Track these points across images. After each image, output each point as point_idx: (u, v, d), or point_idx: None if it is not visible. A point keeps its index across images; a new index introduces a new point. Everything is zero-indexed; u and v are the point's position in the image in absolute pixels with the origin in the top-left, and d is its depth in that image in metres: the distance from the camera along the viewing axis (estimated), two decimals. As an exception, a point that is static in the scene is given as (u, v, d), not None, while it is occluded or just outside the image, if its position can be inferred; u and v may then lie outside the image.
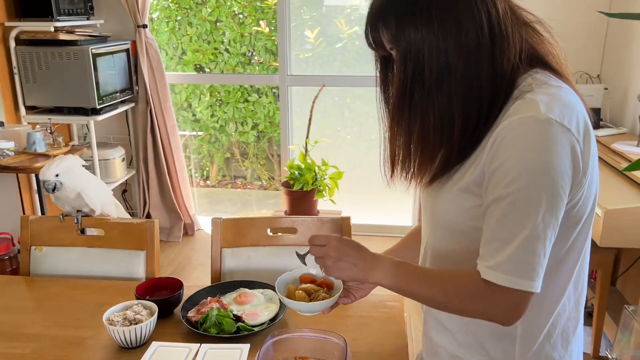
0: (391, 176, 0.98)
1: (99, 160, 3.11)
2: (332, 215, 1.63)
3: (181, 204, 3.62)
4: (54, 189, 1.57)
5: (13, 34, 2.89)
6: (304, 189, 3.12)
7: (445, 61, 0.82)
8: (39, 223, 1.63)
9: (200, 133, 4.46)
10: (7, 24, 2.89)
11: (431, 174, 0.93)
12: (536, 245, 0.80)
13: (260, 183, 4.71)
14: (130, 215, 3.76)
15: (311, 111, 3.30)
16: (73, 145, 3.07)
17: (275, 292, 1.41)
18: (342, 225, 1.59)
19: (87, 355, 1.22)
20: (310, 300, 1.10)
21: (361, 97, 3.79)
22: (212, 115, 4.40)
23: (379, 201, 3.89)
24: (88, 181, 1.63)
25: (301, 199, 3.15)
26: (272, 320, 1.32)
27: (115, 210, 1.78)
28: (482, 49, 0.82)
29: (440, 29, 0.81)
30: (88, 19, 3.20)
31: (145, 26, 3.26)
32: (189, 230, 3.71)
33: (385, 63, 0.99)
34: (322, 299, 1.09)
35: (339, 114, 3.83)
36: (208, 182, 4.75)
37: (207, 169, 4.70)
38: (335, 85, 3.56)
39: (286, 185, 3.24)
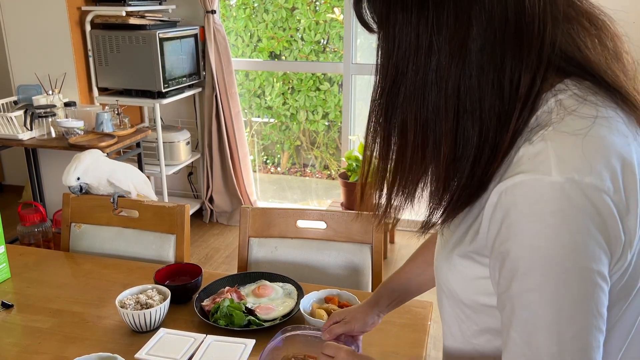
0: (360, 200, 0.72)
1: (163, 142, 3.20)
2: (364, 212, 1.53)
3: (242, 190, 3.65)
4: (81, 191, 1.60)
5: (89, 18, 3.03)
6: (361, 181, 3.03)
7: (436, 61, 0.59)
8: (80, 201, 1.68)
9: (272, 120, 4.48)
10: (84, 8, 3.03)
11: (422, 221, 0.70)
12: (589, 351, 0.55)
13: (328, 172, 4.67)
14: (195, 197, 3.86)
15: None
16: (140, 127, 3.18)
17: (295, 286, 1.36)
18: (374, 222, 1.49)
19: (98, 335, 1.23)
20: None
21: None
22: (283, 103, 4.40)
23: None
24: (113, 169, 1.65)
25: (357, 191, 3.06)
26: (285, 316, 1.25)
27: (151, 191, 1.79)
28: (491, 51, 0.57)
29: (435, 18, 0.57)
30: (160, 3, 3.28)
31: (214, 12, 3.30)
32: (249, 215, 3.74)
33: None
34: None
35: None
36: (279, 168, 4.78)
37: (278, 156, 4.72)
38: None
39: (343, 176, 3.16)
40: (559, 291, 0.54)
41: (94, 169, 1.57)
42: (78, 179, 1.57)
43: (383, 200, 0.68)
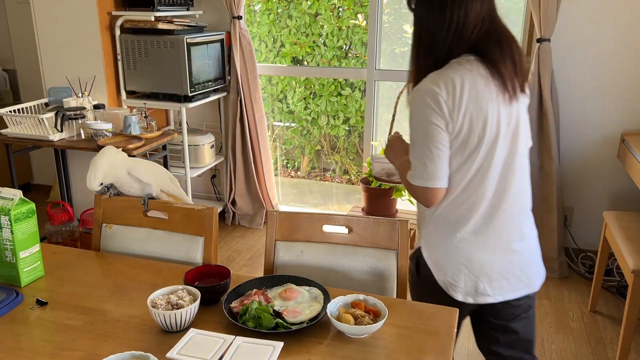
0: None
1: (188, 145, 3.25)
2: (389, 218, 1.54)
3: (264, 193, 3.69)
4: (108, 191, 1.64)
5: (118, 22, 3.10)
6: (382, 187, 3.03)
7: (427, 27, 1.37)
8: (111, 202, 1.72)
9: (293, 124, 4.52)
10: (114, 12, 3.10)
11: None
12: (429, 160, 1.36)
13: (348, 177, 4.68)
14: (217, 200, 3.91)
15: (395, 107, 3.19)
16: (166, 130, 3.24)
17: (322, 290, 1.38)
18: (399, 228, 1.50)
19: (129, 334, 1.25)
20: (355, 324, 1.22)
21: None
22: (305, 108, 4.43)
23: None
24: (131, 164, 1.67)
25: (379, 196, 3.07)
26: (312, 320, 1.27)
27: (179, 188, 1.82)
28: (447, 32, 1.35)
29: (429, 11, 1.36)
30: (188, 9, 3.34)
31: (240, 17, 3.34)
32: (270, 219, 3.77)
33: None
34: (367, 325, 1.21)
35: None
36: (299, 172, 4.80)
37: (299, 160, 4.75)
38: (427, 82, 3.41)
39: (365, 181, 3.17)
40: (420, 131, 1.35)
41: (113, 169, 1.60)
42: (101, 184, 1.61)
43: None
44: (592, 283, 2.76)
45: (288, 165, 4.69)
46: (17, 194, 1.42)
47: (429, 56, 1.37)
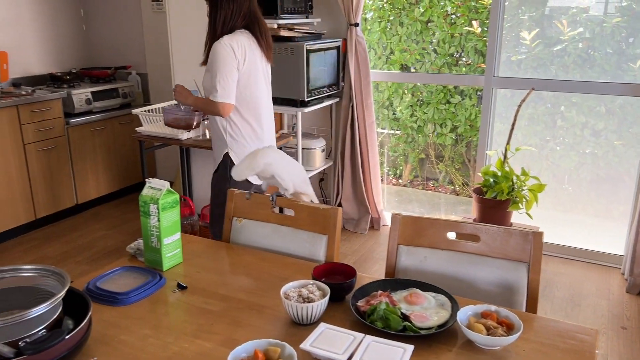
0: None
1: (301, 148, 3.35)
2: (522, 228, 1.49)
3: (370, 199, 3.70)
4: (250, 192, 1.75)
5: (244, 30, 3.26)
6: (498, 198, 2.92)
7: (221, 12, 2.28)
8: (242, 197, 1.82)
9: (398, 132, 4.50)
10: (240, 21, 3.28)
11: None
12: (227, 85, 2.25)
13: (452, 187, 4.58)
14: (324, 203, 3.98)
15: (515, 115, 3.07)
16: (282, 133, 3.36)
17: (449, 298, 1.36)
18: (532, 240, 1.44)
19: (262, 323, 1.32)
20: (488, 335, 1.18)
21: (578, 105, 3.40)
22: (411, 115, 4.40)
23: (585, 223, 3.46)
24: (281, 167, 1.74)
25: (493, 208, 2.96)
26: (441, 326, 1.26)
27: (310, 190, 1.88)
28: (231, 15, 2.29)
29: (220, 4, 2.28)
30: (307, 17, 3.45)
31: (356, 24, 3.40)
32: (375, 224, 3.79)
33: None
34: (500, 336, 1.17)
35: (550, 122, 3.50)
36: (400, 180, 4.78)
37: (401, 167, 4.72)
38: (549, 90, 3.25)
39: (478, 192, 3.08)
40: (221, 65, 2.23)
41: (264, 170, 1.68)
42: (247, 180, 1.71)
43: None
44: None
45: (390, 172, 4.67)
46: (165, 185, 1.54)
47: (223, 27, 2.28)
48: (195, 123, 2.60)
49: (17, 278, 1.23)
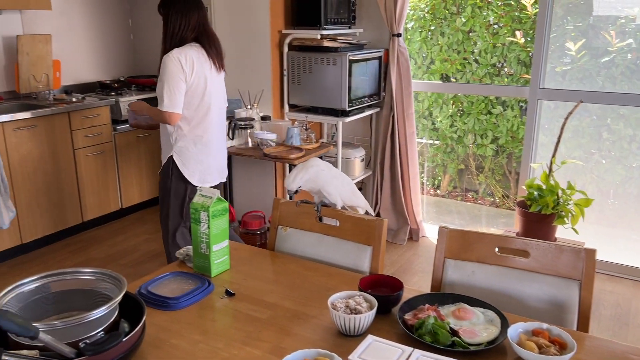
0: None
1: (341, 158, 3.37)
2: (574, 245, 1.46)
3: (409, 210, 3.68)
4: (295, 193, 1.77)
5: (287, 40, 3.32)
6: (542, 212, 2.87)
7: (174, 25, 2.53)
8: (287, 206, 1.85)
9: (437, 142, 4.47)
10: (284, 31, 3.34)
11: None
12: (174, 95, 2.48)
13: (492, 199, 4.50)
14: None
15: (562, 128, 3.01)
16: (322, 143, 3.39)
17: (498, 314, 1.34)
18: (584, 258, 1.41)
19: (309, 332, 1.33)
20: (540, 354, 1.16)
21: (626, 117, 3.31)
22: (451, 125, 4.36)
23: (631, 238, 3.35)
24: (327, 182, 1.76)
25: (537, 222, 2.90)
26: (491, 343, 1.24)
27: (361, 202, 1.90)
28: (181, 28, 2.52)
29: (172, 16, 2.52)
30: (349, 27, 3.48)
31: (399, 35, 3.40)
32: (414, 235, 3.76)
33: None
34: (553, 355, 1.15)
35: (596, 134, 3.42)
36: (438, 191, 4.73)
37: (439, 178, 4.68)
38: (595, 102, 3.18)
39: (522, 205, 3.02)
40: (169, 77, 2.44)
41: (313, 181, 1.71)
42: (300, 187, 1.73)
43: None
44: None
45: (428, 182, 4.63)
46: (216, 193, 1.58)
47: (173, 40, 2.50)
48: (157, 124, 2.79)
49: (77, 280, 1.28)
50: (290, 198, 1.82)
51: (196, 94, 2.52)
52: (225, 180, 2.82)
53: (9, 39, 3.88)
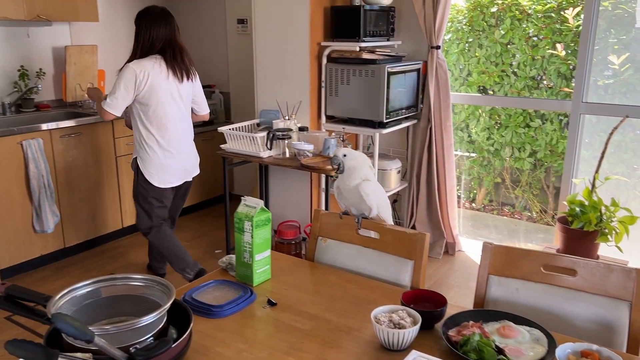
0: None
1: (378, 169, 3.36)
2: (617, 264, 1.42)
3: (446, 223, 3.65)
4: (338, 168, 1.76)
5: (326, 52, 3.35)
6: (585, 229, 2.80)
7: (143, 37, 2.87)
8: (327, 217, 1.86)
9: (473, 155, 4.42)
10: (323, 43, 3.37)
11: None
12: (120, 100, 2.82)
13: (529, 214, 4.42)
14: (397, 225, 3.96)
15: (606, 143, 2.94)
16: (358, 153, 3.39)
17: (544, 333, 1.32)
18: (635, 278, 1.37)
19: (351, 345, 1.33)
20: None
21: (673, 133, 3.21)
22: (488, 138, 4.31)
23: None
24: (368, 178, 1.78)
25: (579, 239, 2.83)
26: (537, 362, 1.22)
27: (389, 218, 1.89)
28: (149, 41, 2.86)
29: (142, 30, 2.87)
30: (388, 39, 3.49)
31: (438, 47, 3.39)
32: (449, 249, 3.72)
33: None
34: None
35: (639, 149, 3.33)
36: (474, 204, 4.67)
37: (474, 191, 4.62)
38: (639, 117, 3.10)
39: (563, 221, 2.96)
40: (120, 84, 2.77)
41: (358, 165, 1.74)
42: (345, 155, 1.75)
43: None
44: None
45: (463, 195, 4.58)
46: (260, 203, 1.60)
47: (142, 49, 2.81)
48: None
49: (127, 286, 1.32)
50: (333, 168, 1.82)
51: (150, 101, 2.80)
52: (191, 179, 3.10)
53: (58, 50, 4.03)
